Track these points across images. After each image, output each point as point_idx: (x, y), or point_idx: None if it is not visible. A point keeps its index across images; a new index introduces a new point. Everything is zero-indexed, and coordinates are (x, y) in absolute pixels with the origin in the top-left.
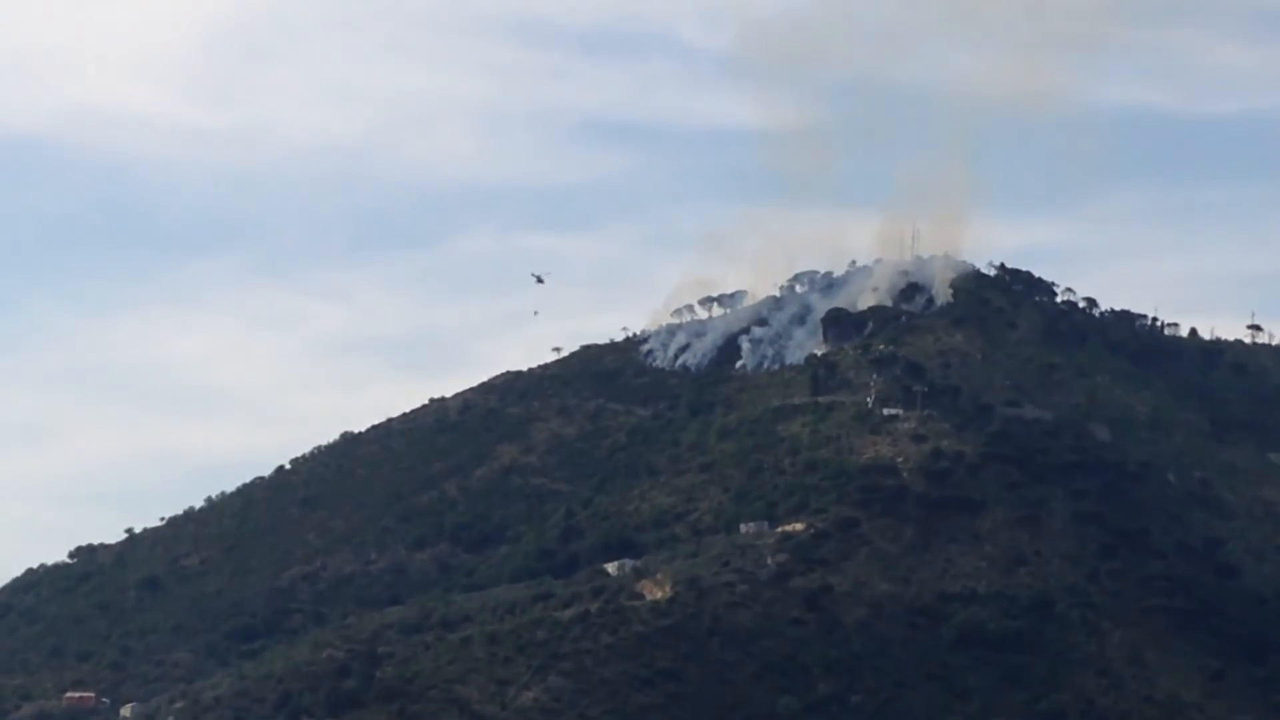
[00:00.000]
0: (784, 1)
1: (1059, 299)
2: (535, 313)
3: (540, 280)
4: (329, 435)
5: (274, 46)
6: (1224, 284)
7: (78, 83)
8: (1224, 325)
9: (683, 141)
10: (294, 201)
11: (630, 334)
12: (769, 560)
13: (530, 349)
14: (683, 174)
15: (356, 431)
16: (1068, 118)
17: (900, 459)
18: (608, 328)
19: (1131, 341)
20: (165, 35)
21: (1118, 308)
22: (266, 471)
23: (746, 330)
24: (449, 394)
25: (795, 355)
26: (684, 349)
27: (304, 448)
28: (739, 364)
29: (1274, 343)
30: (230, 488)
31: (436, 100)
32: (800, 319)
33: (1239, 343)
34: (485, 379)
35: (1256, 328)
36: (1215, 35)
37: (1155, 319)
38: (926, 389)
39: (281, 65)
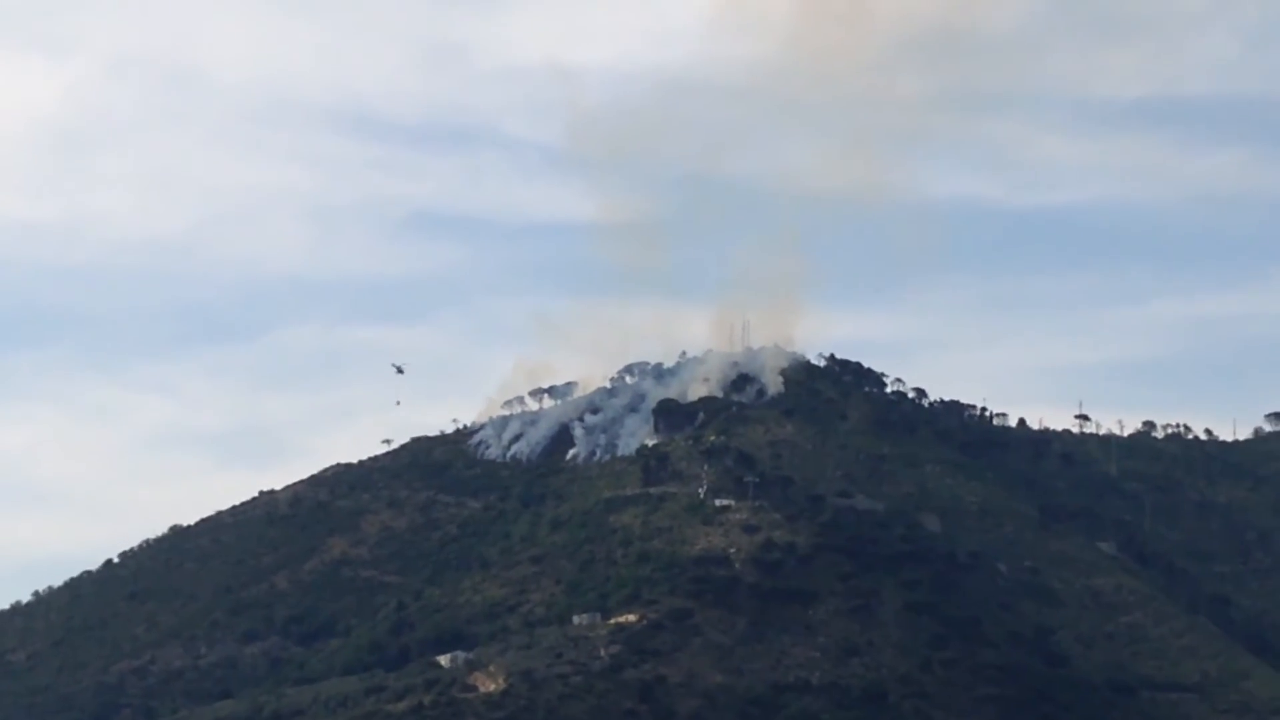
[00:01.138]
0: (613, 96)
1: (889, 389)
2: (398, 402)
3: (400, 370)
4: (157, 529)
5: (97, 139)
6: (1052, 374)
7: None
8: (1052, 415)
9: (512, 233)
10: (118, 294)
11: (461, 425)
12: (602, 651)
13: (359, 441)
14: (512, 265)
15: (185, 525)
16: (896, 209)
17: (732, 549)
18: (438, 420)
19: (960, 431)
20: None
21: (947, 398)
22: (94, 565)
23: (579, 420)
24: (278, 486)
25: (627, 446)
26: (515, 440)
27: (132, 541)
28: (570, 455)
29: (1101, 432)
30: (57, 582)
31: (263, 193)
32: (632, 409)
33: (1067, 433)
34: (315, 471)
35: (1084, 418)
36: (1040, 127)
37: (984, 409)
38: (758, 479)
39: (104, 158)
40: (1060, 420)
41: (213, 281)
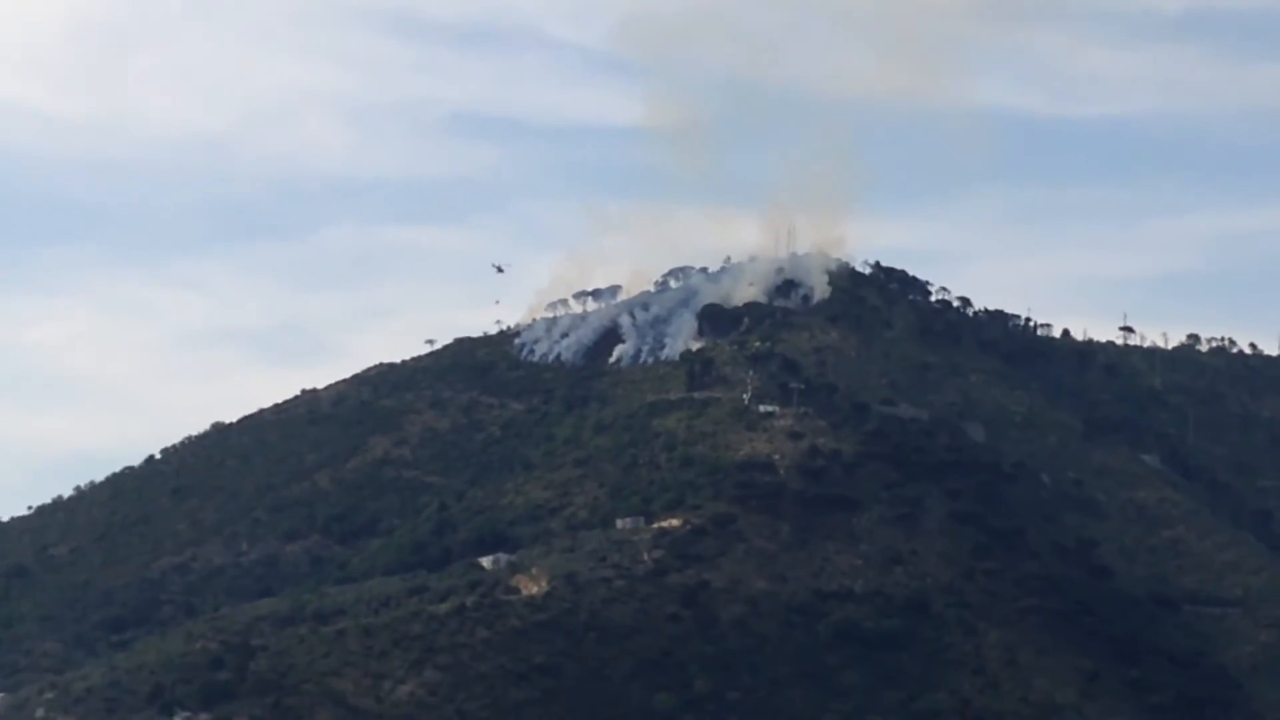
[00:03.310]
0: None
1: (934, 298)
2: (497, 301)
3: (500, 270)
4: (198, 425)
5: (137, 34)
6: (1096, 286)
7: None
8: (1096, 327)
9: (553, 135)
10: (155, 190)
11: (504, 327)
12: (645, 556)
13: (400, 342)
14: (553, 168)
15: (227, 422)
16: (942, 117)
17: (776, 456)
18: (479, 321)
19: (1005, 341)
20: (27, 22)
21: (991, 307)
22: (136, 461)
23: (621, 325)
24: (319, 385)
25: (671, 350)
26: (558, 343)
27: (173, 438)
28: (614, 359)
29: (1146, 345)
30: (99, 477)
31: (302, 92)
32: (676, 314)
33: (1111, 344)
34: (357, 371)
35: (1128, 329)
36: (1085, 39)
37: (1028, 319)
38: (803, 386)
39: (144, 54)
40: (1104, 332)
41: (251, 179)
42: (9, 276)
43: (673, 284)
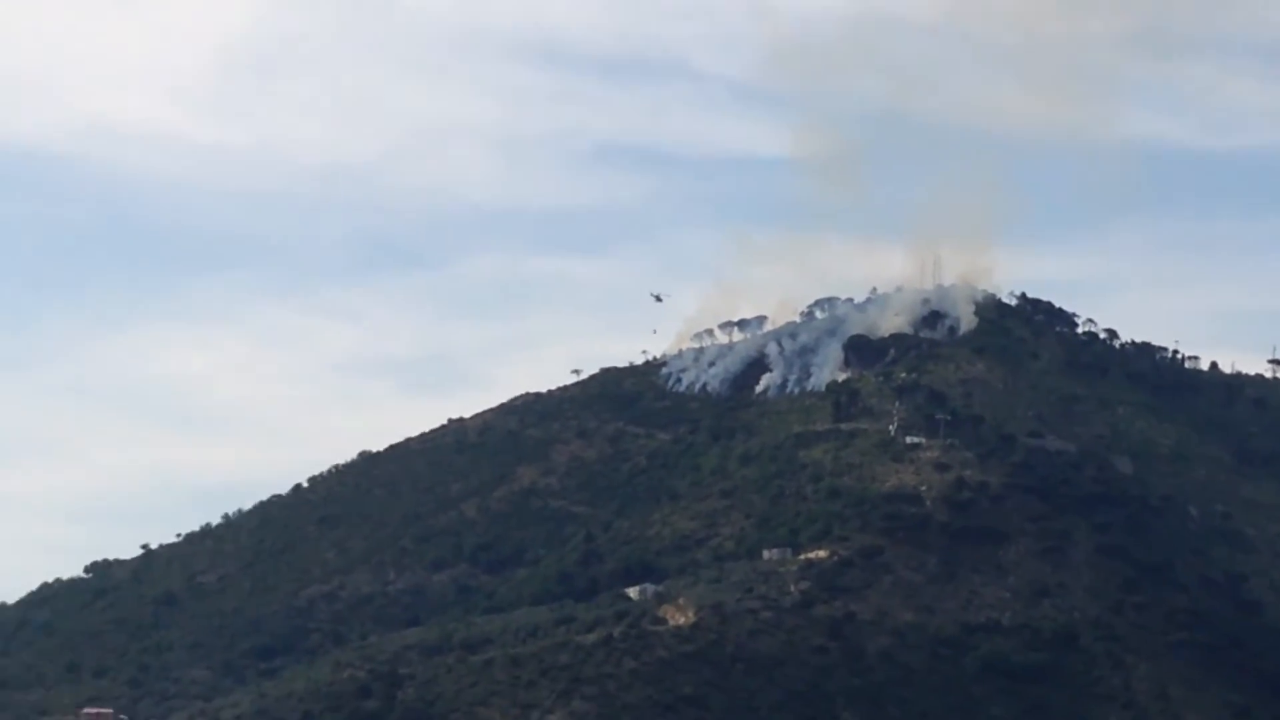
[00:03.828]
0: (806, 29)
1: (1080, 330)
2: (654, 331)
3: (659, 299)
4: (345, 454)
5: (288, 64)
6: (1244, 318)
7: (89, 97)
8: (1244, 359)
9: (699, 166)
10: (304, 220)
11: (650, 357)
12: (792, 587)
13: (546, 371)
14: (699, 198)
15: (375, 451)
16: (1088, 148)
17: (923, 488)
18: (625, 351)
19: (1152, 374)
20: (178, 50)
21: (1138, 339)
22: (284, 490)
23: (766, 356)
24: (467, 415)
25: (817, 381)
26: (705, 373)
27: (320, 466)
28: (760, 388)
29: None
30: (247, 505)
31: (450, 121)
32: (822, 344)
33: (1260, 377)
34: (504, 400)
35: (1277, 362)
36: (1231, 70)
37: (1176, 352)
38: (949, 417)
39: (295, 83)
40: (1253, 365)
41: (400, 209)
42: (162, 307)
43: (819, 314)
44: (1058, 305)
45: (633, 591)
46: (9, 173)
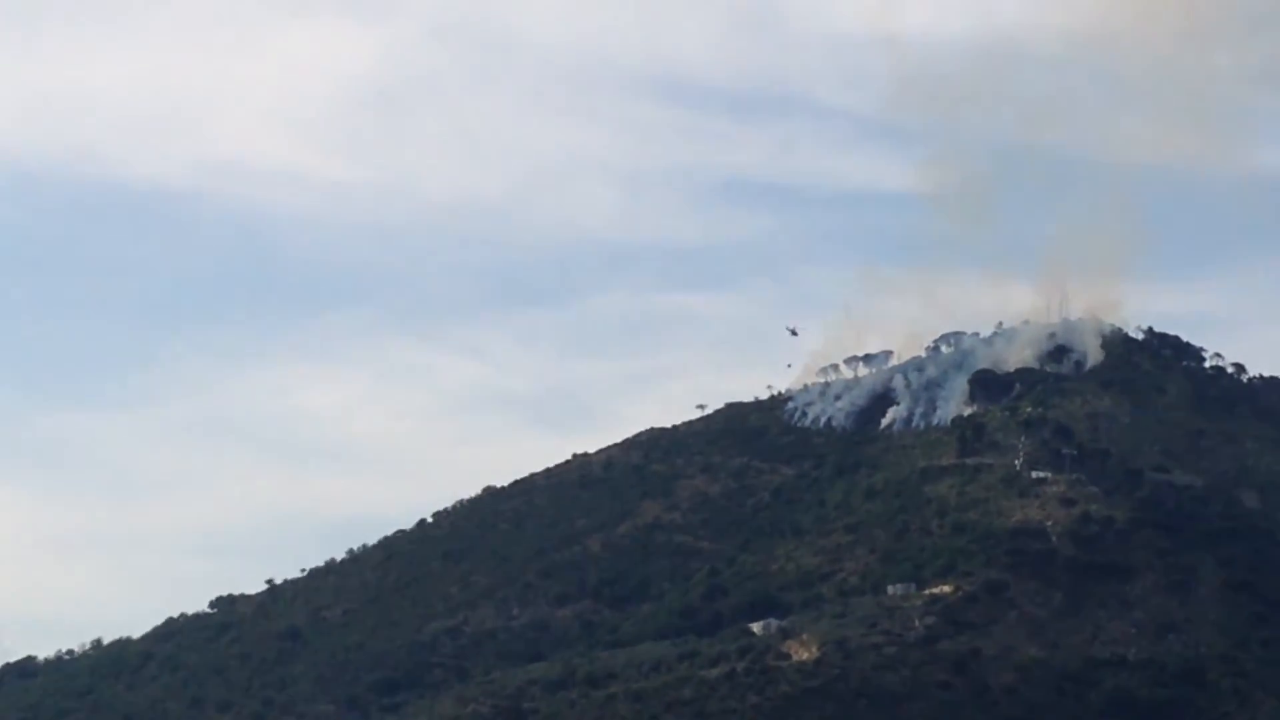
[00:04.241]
0: (932, 63)
1: (1207, 364)
2: (789, 365)
3: (794, 333)
4: (470, 489)
5: (413, 101)
6: None
7: (216, 135)
8: None
9: (825, 201)
10: (429, 256)
11: (775, 392)
12: (916, 622)
13: (670, 407)
14: (825, 234)
15: (498, 485)
16: (1218, 181)
17: (1049, 522)
18: (750, 387)
19: None
20: (305, 88)
21: (1266, 374)
22: (408, 524)
23: (892, 390)
24: (591, 450)
25: (943, 415)
26: (831, 406)
27: (444, 501)
28: (885, 423)
29: None
30: (371, 540)
31: (576, 157)
32: (948, 379)
33: None
34: (628, 435)
35: None
36: None
37: None
38: (1075, 452)
39: (421, 120)
40: None
41: (524, 245)
42: (290, 343)
43: (944, 349)
44: (1185, 339)
45: (756, 627)
46: (143, 211)
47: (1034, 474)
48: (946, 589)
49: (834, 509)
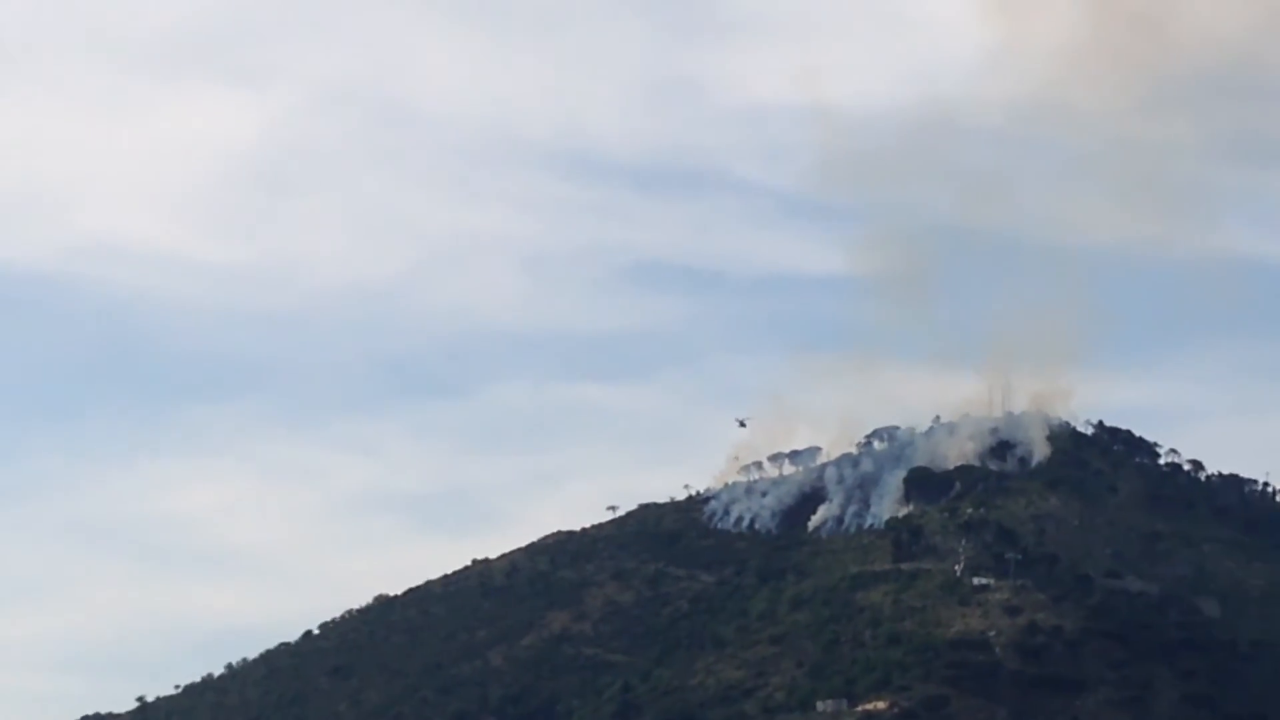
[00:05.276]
0: (861, 137)
1: (1163, 460)
2: (736, 457)
3: (743, 425)
4: (360, 598)
5: (301, 178)
6: None
7: (83, 214)
8: None
9: (746, 285)
10: (318, 345)
11: (693, 492)
12: None
13: (578, 508)
14: (746, 321)
15: (391, 594)
16: (1173, 265)
17: (992, 633)
18: (665, 486)
19: (1241, 509)
20: (180, 164)
21: (1226, 471)
22: (292, 637)
23: (822, 489)
24: (492, 555)
25: (875, 517)
26: (754, 507)
27: (333, 612)
28: (813, 526)
29: None
30: (253, 654)
31: (477, 238)
32: (881, 478)
33: None
34: (533, 539)
35: None
36: None
37: (1266, 484)
38: (1020, 556)
39: (309, 199)
40: None
41: (420, 332)
42: (160, 437)
43: (876, 445)
44: (1138, 434)
45: None
46: (2, 296)
47: (976, 580)
48: (881, 705)
49: (758, 618)
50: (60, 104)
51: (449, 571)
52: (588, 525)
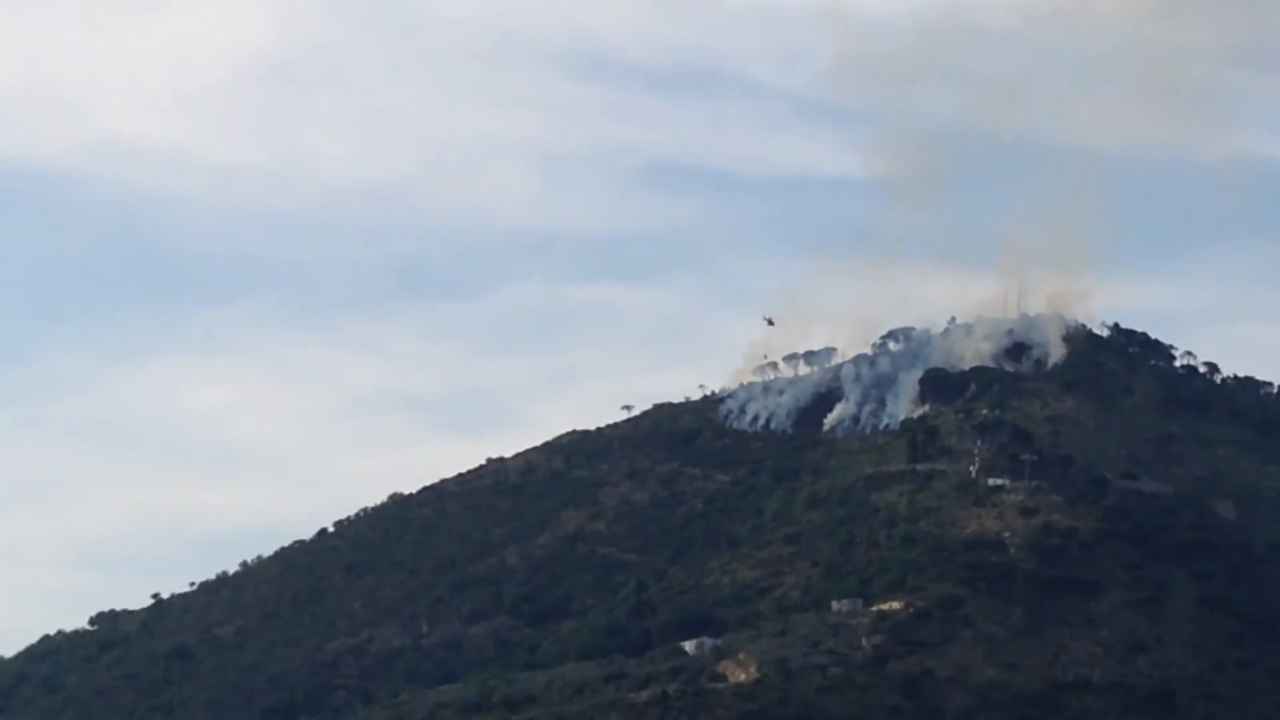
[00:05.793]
0: (876, 39)
1: (1178, 363)
2: (761, 356)
3: (771, 323)
4: (375, 497)
5: (312, 79)
6: None
7: (97, 114)
8: None
9: (759, 187)
10: (329, 245)
11: (708, 392)
12: (864, 641)
13: (593, 408)
14: (759, 222)
15: (406, 493)
16: (1187, 168)
17: (1007, 534)
18: (680, 387)
19: (1257, 411)
20: (194, 64)
21: (1241, 374)
22: (307, 535)
23: (837, 389)
24: (507, 454)
25: (891, 418)
26: (770, 406)
27: (347, 510)
28: (828, 426)
29: None
30: (267, 552)
31: (488, 139)
32: (896, 378)
33: None
34: (548, 439)
35: None
36: None
37: None
38: (1035, 458)
39: (320, 99)
40: None
41: (431, 233)
42: (172, 337)
43: (894, 345)
44: (1154, 336)
45: (689, 646)
46: (10, 192)
47: (990, 481)
48: (896, 605)
49: (773, 518)
50: (73, 3)
51: (463, 471)
52: (603, 425)
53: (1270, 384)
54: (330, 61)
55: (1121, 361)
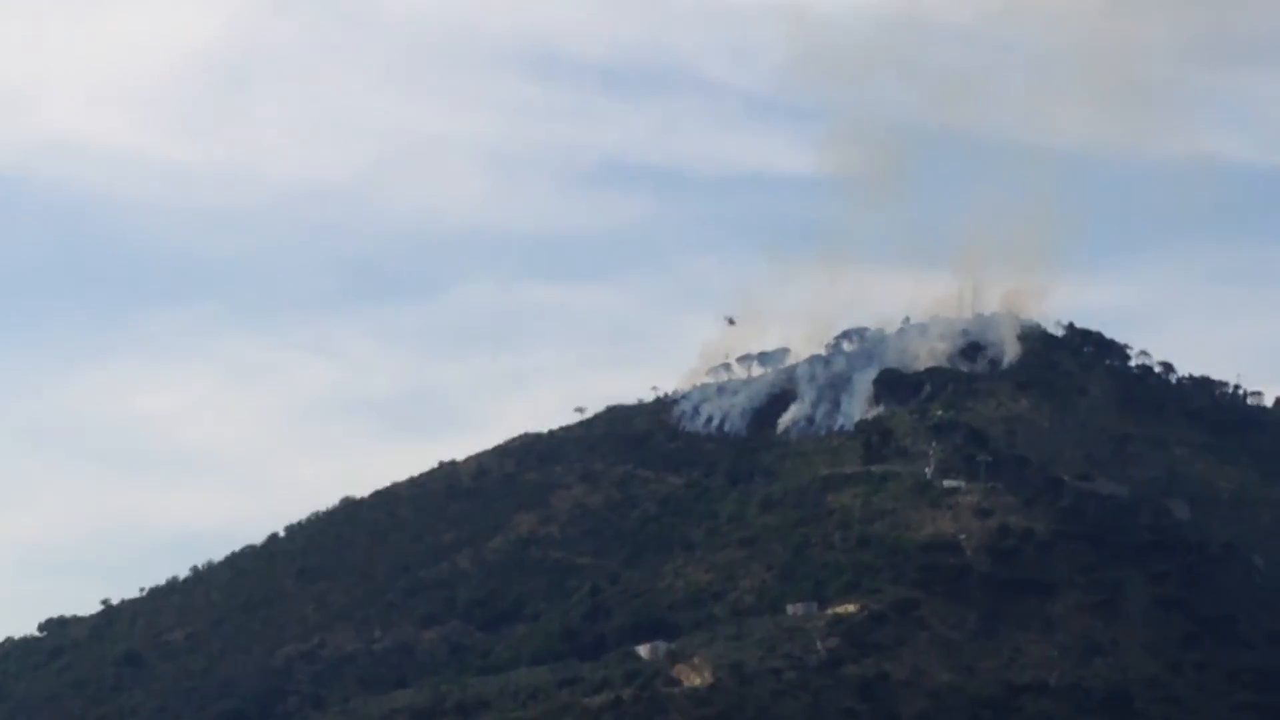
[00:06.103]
0: (830, 35)
1: (1133, 363)
2: (725, 355)
3: (732, 322)
4: (326, 501)
5: (262, 77)
6: None
7: (42, 113)
8: None
9: (712, 185)
10: (277, 245)
11: (661, 394)
12: (819, 645)
13: (545, 410)
14: (712, 221)
15: (358, 497)
16: (1146, 167)
17: (963, 535)
18: (633, 388)
19: (1212, 411)
20: (139, 62)
21: (1197, 373)
22: (257, 539)
23: (790, 391)
24: (460, 457)
25: (845, 419)
26: (721, 410)
27: (298, 514)
28: (782, 428)
29: None
30: (217, 557)
31: (439, 138)
32: (850, 379)
33: None
34: (500, 441)
35: None
36: None
37: (1238, 387)
38: (990, 459)
39: (269, 97)
40: None
41: (382, 233)
42: (119, 340)
43: (845, 346)
44: (1109, 336)
45: (643, 650)
46: None
47: (946, 483)
48: (851, 608)
49: (727, 521)
50: (19, 1)
51: (415, 474)
52: (555, 427)
53: (1225, 383)
54: (279, 60)
55: (1077, 361)
